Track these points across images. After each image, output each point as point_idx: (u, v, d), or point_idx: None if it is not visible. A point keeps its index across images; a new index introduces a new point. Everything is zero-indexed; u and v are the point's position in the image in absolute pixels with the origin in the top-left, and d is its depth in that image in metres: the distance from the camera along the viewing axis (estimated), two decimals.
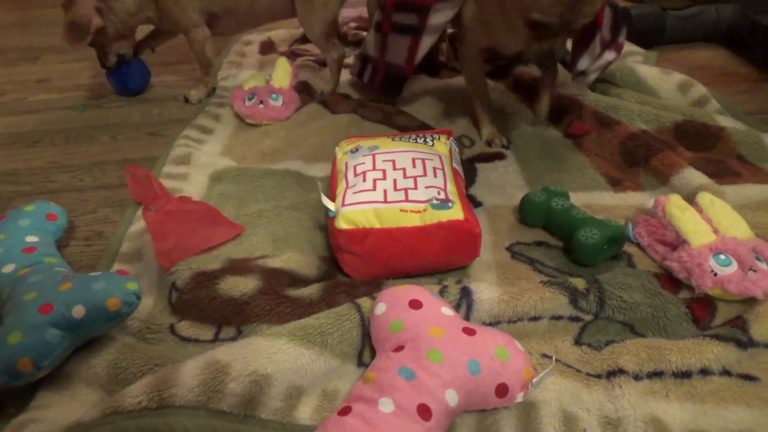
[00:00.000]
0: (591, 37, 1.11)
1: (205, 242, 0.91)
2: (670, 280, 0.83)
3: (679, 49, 1.70)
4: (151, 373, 0.69)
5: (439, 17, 1.13)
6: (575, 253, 0.89)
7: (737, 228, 0.86)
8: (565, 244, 0.93)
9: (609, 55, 1.14)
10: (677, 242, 0.86)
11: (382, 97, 1.38)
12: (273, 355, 0.67)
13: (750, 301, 0.79)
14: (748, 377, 0.70)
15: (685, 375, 0.70)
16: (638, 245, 0.92)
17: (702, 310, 0.79)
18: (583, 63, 1.13)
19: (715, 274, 0.80)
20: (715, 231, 0.85)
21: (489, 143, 1.21)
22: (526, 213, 0.97)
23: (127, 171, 1.07)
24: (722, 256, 0.81)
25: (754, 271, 0.80)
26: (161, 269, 0.85)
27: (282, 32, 1.91)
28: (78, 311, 0.70)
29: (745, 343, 0.73)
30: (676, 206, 0.88)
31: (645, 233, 0.91)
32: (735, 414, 0.66)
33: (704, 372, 0.70)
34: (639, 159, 1.10)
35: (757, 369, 0.71)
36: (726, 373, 0.71)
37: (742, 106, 1.34)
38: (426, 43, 1.17)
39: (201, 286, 0.81)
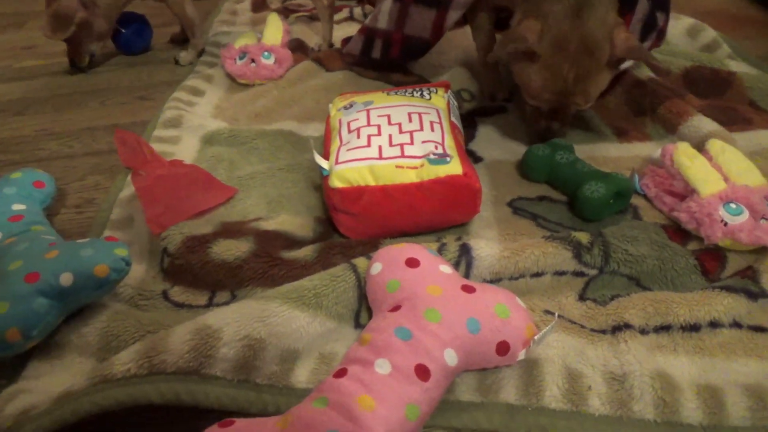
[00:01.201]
0: None
1: (197, 206, 0.88)
2: (679, 232, 0.80)
3: None
4: (144, 340, 0.67)
5: None
6: (580, 209, 0.85)
7: (748, 175, 0.82)
8: (569, 200, 0.90)
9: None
10: (686, 192, 0.82)
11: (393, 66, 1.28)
12: (266, 318, 0.65)
13: (761, 251, 0.76)
14: (759, 329, 0.68)
15: (693, 328, 0.68)
16: (645, 197, 0.89)
17: (711, 262, 0.76)
18: None
19: (726, 224, 0.76)
20: (726, 179, 0.81)
21: (492, 97, 1.17)
22: (530, 167, 0.94)
23: (116, 136, 1.04)
24: (733, 205, 0.78)
25: (767, 219, 0.77)
26: (152, 235, 0.83)
27: None
28: (66, 279, 0.67)
29: (757, 294, 0.70)
30: (684, 154, 0.84)
31: (652, 184, 0.88)
32: (746, 367, 0.64)
33: (713, 325, 0.68)
34: (646, 108, 1.06)
35: None
36: (736, 325, 0.68)
37: (753, 52, 1.28)
38: (452, 17, 1.09)
39: (193, 251, 0.79)
